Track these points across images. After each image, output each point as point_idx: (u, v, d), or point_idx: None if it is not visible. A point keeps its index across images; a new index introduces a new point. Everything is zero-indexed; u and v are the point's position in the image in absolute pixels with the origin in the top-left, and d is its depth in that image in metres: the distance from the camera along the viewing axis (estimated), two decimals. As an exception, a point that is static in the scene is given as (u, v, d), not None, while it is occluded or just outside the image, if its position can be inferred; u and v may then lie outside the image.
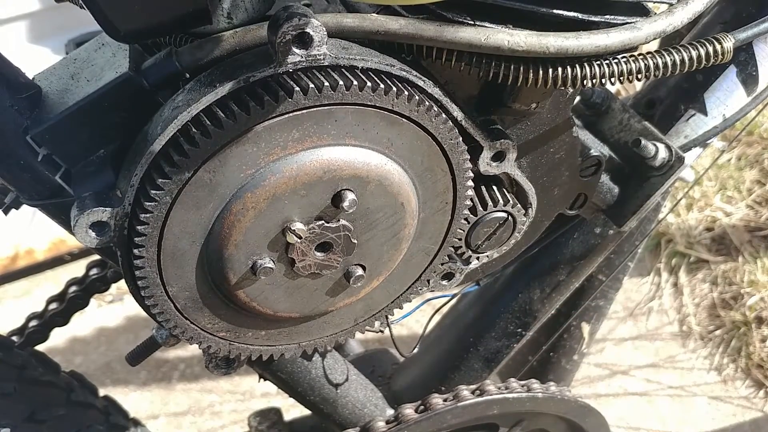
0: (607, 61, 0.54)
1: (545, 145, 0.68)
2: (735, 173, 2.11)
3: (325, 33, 0.48)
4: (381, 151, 0.53)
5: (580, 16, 0.53)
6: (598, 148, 0.75)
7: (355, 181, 0.53)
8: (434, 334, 1.09)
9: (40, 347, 0.93)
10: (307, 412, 0.96)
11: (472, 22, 0.52)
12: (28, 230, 1.94)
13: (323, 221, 0.54)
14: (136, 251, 0.51)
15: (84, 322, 1.97)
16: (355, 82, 0.49)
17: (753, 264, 1.89)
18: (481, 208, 0.62)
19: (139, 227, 0.50)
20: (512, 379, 0.85)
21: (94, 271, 0.93)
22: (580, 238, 0.91)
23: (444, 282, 0.67)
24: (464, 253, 0.65)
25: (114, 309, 2.02)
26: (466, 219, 0.61)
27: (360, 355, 1.16)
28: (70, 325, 0.96)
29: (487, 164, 0.60)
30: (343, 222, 0.54)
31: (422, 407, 0.86)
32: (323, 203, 0.53)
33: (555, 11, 0.52)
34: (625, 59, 0.55)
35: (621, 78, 0.55)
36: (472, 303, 1.03)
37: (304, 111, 0.49)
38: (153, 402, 1.83)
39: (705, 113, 0.83)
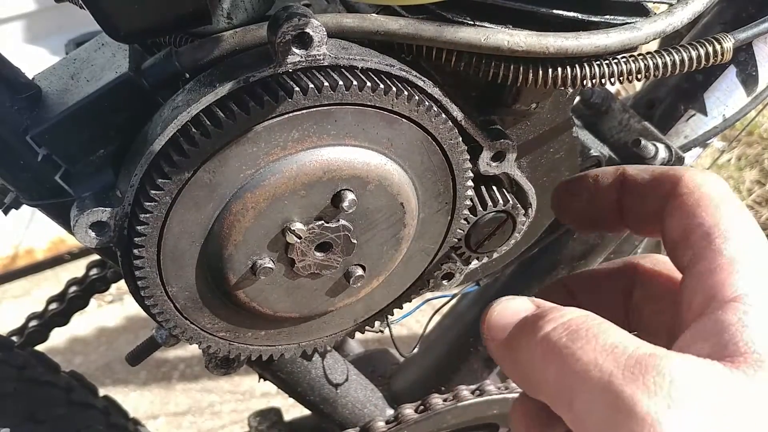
0: (606, 62, 0.54)
1: (545, 145, 0.68)
2: (735, 173, 2.11)
3: (325, 33, 0.48)
4: (381, 151, 0.53)
5: (580, 16, 0.53)
6: (598, 148, 0.75)
7: (354, 181, 0.53)
8: (434, 334, 1.09)
9: (40, 347, 0.93)
10: (307, 412, 0.97)
11: (472, 23, 0.52)
12: (28, 230, 1.94)
13: (323, 221, 0.54)
14: (136, 251, 0.51)
15: (84, 322, 1.97)
16: (355, 82, 0.49)
17: (753, 264, 1.88)
18: (480, 208, 0.62)
19: (139, 227, 0.50)
20: (512, 379, 0.85)
21: (94, 271, 0.93)
22: (580, 238, 0.91)
23: (444, 282, 0.67)
24: (464, 253, 0.65)
25: (114, 309, 2.02)
26: (465, 219, 0.61)
27: (360, 355, 1.16)
28: (70, 325, 0.96)
29: (486, 164, 0.60)
30: (342, 222, 0.54)
31: (422, 407, 0.87)
32: (323, 203, 0.53)
33: (555, 11, 0.52)
34: (624, 59, 0.55)
35: (621, 78, 0.55)
36: (472, 303, 1.03)
37: (304, 111, 0.49)
38: (153, 402, 1.83)
39: (705, 113, 0.83)
